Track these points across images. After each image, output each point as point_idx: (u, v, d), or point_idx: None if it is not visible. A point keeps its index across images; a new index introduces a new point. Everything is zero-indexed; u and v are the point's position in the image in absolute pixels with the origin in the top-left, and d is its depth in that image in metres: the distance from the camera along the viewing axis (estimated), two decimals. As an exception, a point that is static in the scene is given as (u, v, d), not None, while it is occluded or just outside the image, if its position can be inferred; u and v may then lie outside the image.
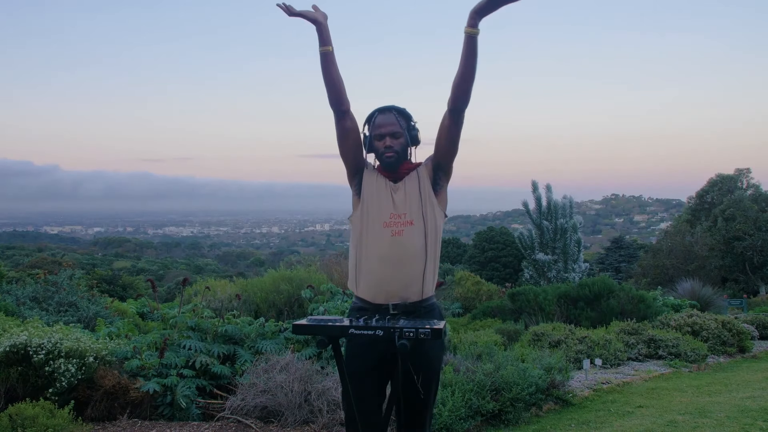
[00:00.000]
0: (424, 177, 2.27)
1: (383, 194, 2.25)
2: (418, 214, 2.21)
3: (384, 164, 2.26)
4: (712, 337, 7.70)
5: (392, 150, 2.22)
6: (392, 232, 2.19)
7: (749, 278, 23.05)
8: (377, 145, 2.25)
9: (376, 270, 2.19)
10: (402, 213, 2.21)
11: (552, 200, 18.59)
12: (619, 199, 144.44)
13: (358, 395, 2.16)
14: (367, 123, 2.31)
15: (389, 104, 2.30)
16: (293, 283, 9.42)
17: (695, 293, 12.77)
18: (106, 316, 6.34)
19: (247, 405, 3.84)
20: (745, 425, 3.88)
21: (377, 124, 2.25)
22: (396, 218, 2.21)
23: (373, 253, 2.20)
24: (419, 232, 2.19)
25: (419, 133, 2.32)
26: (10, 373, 3.64)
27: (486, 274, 26.93)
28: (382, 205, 2.23)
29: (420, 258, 2.18)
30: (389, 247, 2.18)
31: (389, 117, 2.25)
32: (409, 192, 2.24)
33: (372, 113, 2.29)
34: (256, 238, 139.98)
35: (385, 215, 2.22)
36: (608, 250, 35.20)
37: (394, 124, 2.24)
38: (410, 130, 2.29)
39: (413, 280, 2.17)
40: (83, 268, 23.59)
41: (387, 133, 2.23)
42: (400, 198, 2.23)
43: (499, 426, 4.11)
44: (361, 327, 1.89)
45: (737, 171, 29.86)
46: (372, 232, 2.22)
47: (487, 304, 10.35)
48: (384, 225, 2.20)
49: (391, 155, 2.23)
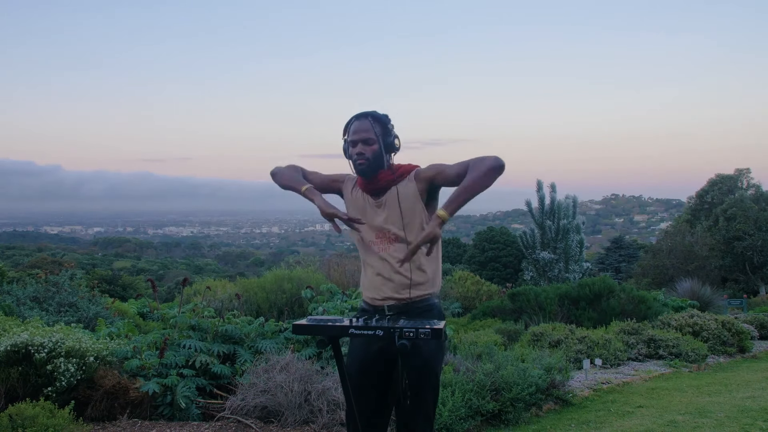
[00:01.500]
0: (408, 191, 2.25)
1: (367, 214, 2.29)
2: (400, 230, 2.24)
3: (356, 171, 2.26)
4: (712, 337, 7.70)
5: (363, 157, 2.21)
6: (378, 249, 2.27)
7: (749, 278, 23.06)
8: (351, 152, 2.25)
9: (372, 280, 2.29)
10: (386, 230, 2.26)
11: (555, 200, 18.58)
12: (619, 199, 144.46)
13: (359, 396, 2.16)
14: (345, 130, 2.31)
15: (367, 110, 2.28)
16: (293, 283, 9.43)
17: (695, 293, 12.77)
18: (106, 316, 6.33)
19: (247, 405, 3.84)
20: (745, 425, 3.88)
21: (352, 131, 2.25)
22: (381, 235, 2.27)
23: (368, 265, 2.31)
24: (404, 247, 2.23)
25: (396, 139, 2.29)
26: (10, 372, 3.64)
27: (486, 274, 26.95)
28: (367, 225, 2.28)
29: (406, 268, 2.22)
30: (379, 262, 2.26)
31: (364, 123, 2.24)
32: (391, 208, 2.25)
33: (349, 120, 2.29)
34: (256, 238, 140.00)
35: (371, 235, 2.28)
36: (608, 250, 35.22)
37: (368, 130, 2.23)
38: (386, 136, 2.26)
39: (404, 288, 2.23)
40: (83, 268, 23.60)
41: (359, 140, 2.22)
42: (382, 217, 2.26)
43: (499, 426, 4.11)
44: (361, 327, 1.89)
45: (737, 171, 29.88)
46: (363, 248, 2.32)
47: (487, 304, 10.35)
48: (371, 244, 2.28)
49: (362, 162, 2.22)
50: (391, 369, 2.18)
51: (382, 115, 2.28)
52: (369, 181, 2.27)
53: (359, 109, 2.32)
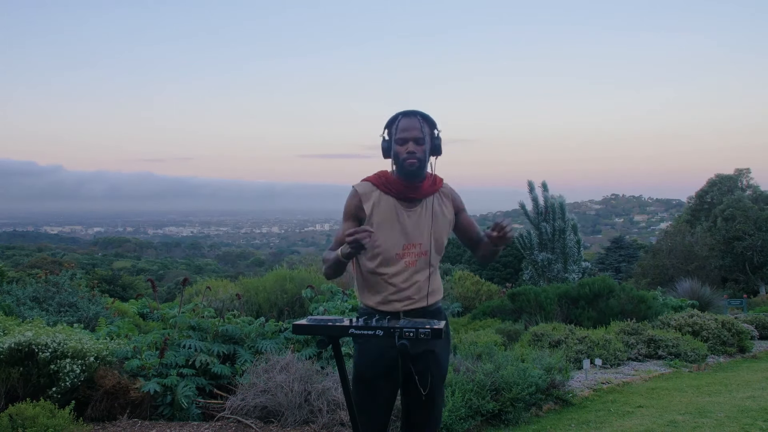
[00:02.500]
0: (445, 209, 2.23)
1: (396, 222, 2.17)
2: (428, 243, 2.18)
3: (404, 171, 2.13)
4: (712, 337, 7.69)
5: (414, 156, 2.11)
6: (406, 263, 2.17)
7: (749, 278, 23.05)
8: (398, 150, 2.13)
9: (385, 287, 2.19)
10: (417, 243, 2.18)
11: (548, 200, 18.59)
12: (619, 199, 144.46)
13: (364, 399, 2.16)
14: (388, 126, 2.19)
15: (414, 108, 2.19)
16: (295, 283, 9.43)
17: (695, 293, 12.76)
18: (106, 316, 6.33)
19: (247, 405, 3.84)
20: (745, 425, 3.88)
21: (401, 128, 2.13)
22: (410, 248, 2.18)
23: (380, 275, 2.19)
24: (427, 261, 2.20)
25: (442, 142, 2.20)
26: (11, 372, 3.64)
27: (486, 274, 26.93)
28: (394, 234, 2.17)
29: (425, 278, 2.20)
30: (400, 274, 2.17)
31: (413, 121, 2.13)
32: (424, 221, 2.19)
33: (395, 116, 2.17)
34: (256, 238, 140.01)
35: (397, 246, 2.17)
36: (608, 250, 35.22)
37: (417, 129, 2.12)
38: (433, 138, 2.18)
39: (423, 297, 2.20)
40: (83, 268, 23.59)
41: (410, 138, 2.11)
42: (413, 227, 2.18)
43: (499, 426, 4.11)
44: (361, 327, 1.88)
45: (737, 171, 29.88)
46: (382, 260, 2.18)
47: (487, 304, 10.34)
48: (396, 256, 2.17)
49: (413, 162, 2.11)
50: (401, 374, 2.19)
51: (427, 114, 2.19)
52: (410, 185, 2.16)
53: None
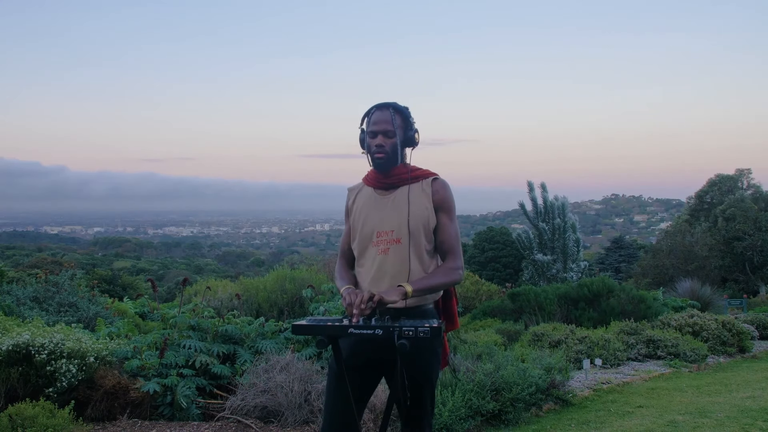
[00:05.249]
0: (422, 195, 2.18)
1: (371, 209, 2.20)
2: (404, 231, 2.13)
3: (374, 163, 2.18)
4: (712, 337, 7.69)
5: (383, 150, 2.14)
6: (377, 251, 2.16)
7: (749, 278, 23.04)
8: (369, 143, 2.17)
9: (366, 285, 2.17)
10: (389, 230, 2.16)
11: (548, 200, 18.61)
12: (619, 199, 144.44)
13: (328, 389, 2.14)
14: (364, 118, 2.22)
15: (389, 101, 2.20)
16: (295, 283, 9.43)
17: (695, 293, 12.76)
18: (106, 316, 6.33)
19: (247, 405, 3.84)
20: (745, 425, 3.88)
21: (372, 121, 2.17)
22: (381, 235, 2.16)
23: (360, 266, 2.21)
24: (405, 250, 2.13)
25: (417, 133, 2.20)
26: (10, 373, 3.64)
27: (486, 274, 26.93)
28: (368, 223, 2.19)
29: (403, 275, 2.11)
30: (374, 264, 2.15)
31: (385, 114, 2.16)
32: (399, 207, 2.16)
33: (369, 109, 2.20)
34: (256, 238, 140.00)
35: (371, 233, 2.18)
36: (608, 250, 35.18)
37: (388, 122, 2.14)
38: (406, 129, 2.18)
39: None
40: (83, 268, 23.57)
41: (380, 131, 2.14)
42: (386, 213, 2.17)
43: (499, 426, 4.11)
44: (360, 327, 1.88)
45: (737, 171, 29.86)
46: (360, 249, 2.21)
47: (487, 304, 10.35)
48: (370, 243, 2.18)
49: (381, 155, 2.14)
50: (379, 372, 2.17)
51: (402, 106, 2.20)
52: (382, 175, 2.20)
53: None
